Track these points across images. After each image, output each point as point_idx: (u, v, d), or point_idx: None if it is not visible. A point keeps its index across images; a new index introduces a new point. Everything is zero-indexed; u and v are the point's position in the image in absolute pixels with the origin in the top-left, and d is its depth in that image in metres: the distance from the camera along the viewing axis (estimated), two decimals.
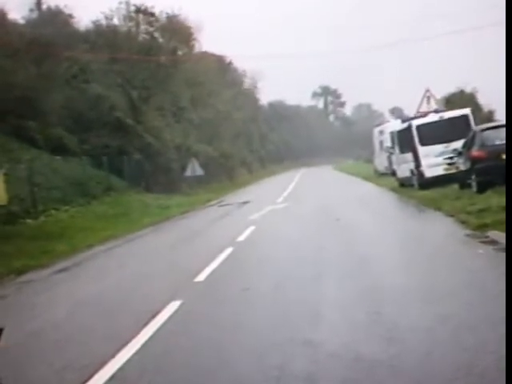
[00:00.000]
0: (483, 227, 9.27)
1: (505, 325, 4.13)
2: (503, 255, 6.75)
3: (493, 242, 8.12)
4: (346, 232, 11.77)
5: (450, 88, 36.89)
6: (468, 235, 9.20)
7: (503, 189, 9.42)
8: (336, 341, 4.95)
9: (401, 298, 6.14)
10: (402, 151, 20.85)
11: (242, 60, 79.35)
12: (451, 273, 6.99)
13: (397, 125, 24.23)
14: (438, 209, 13.08)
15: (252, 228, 13.79)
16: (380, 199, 19.56)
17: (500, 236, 8.06)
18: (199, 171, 31.52)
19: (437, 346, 4.50)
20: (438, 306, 5.61)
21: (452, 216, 11.54)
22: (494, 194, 11.99)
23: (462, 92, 35.34)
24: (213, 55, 52.85)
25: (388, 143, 27.91)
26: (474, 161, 14.24)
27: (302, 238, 11.58)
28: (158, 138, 32.91)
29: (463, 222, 10.41)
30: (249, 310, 6.46)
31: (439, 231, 10.54)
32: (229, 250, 10.54)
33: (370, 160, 41.67)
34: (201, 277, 8.42)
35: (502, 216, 8.31)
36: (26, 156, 20.23)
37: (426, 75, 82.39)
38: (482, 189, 13.44)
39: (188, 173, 31.50)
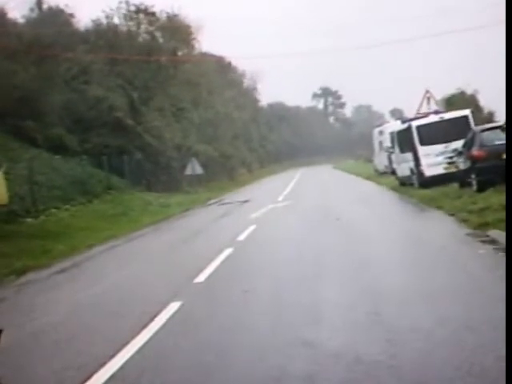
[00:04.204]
0: (484, 226, 9.25)
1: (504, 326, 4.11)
2: (503, 255, 6.75)
3: (493, 242, 8.10)
4: (346, 232, 11.73)
5: (450, 89, 36.82)
6: (468, 234, 9.18)
7: (503, 187, 9.40)
8: (336, 342, 4.94)
9: (400, 298, 6.12)
10: (402, 151, 20.86)
11: (241, 61, 79.18)
12: (451, 273, 6.97)
13: (396, 125, 24.24)
14: (439, 208, 13.07)
15: (252, 227, 13.77)
16: (380, 198, 19.55)
17: (500, 235, 8.03)
18: (199, 170, 31.60)
19: (436, 347, 4.49)
20: (438, 306, 5.60)
21: (452, 215, 11.53)
22: (494, 193, 11.98)
23: (462, 93, 35.21)
24: (212, 56, 52.80)
25: (388, 143, 27.94)
26: (474, 160, 14.27)
27: (302, 238, 11.55)
28: (158, 137, 32.91)
29: (464, 221, 10.39)
30: (248, 311, 6.45)
31: (440, 230, 10.51)
32: (229, 251, 10.50)
33: (370, 160, 41.64)
34: (200, 278, 8.40)
35: (503, 215, 8.29)
36: (26, 155, 20.20)
37: (426, 76, 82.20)
38: (482, 188, 13.45)
39: (188, 172, 31.57)
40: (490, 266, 7.01)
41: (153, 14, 37.21)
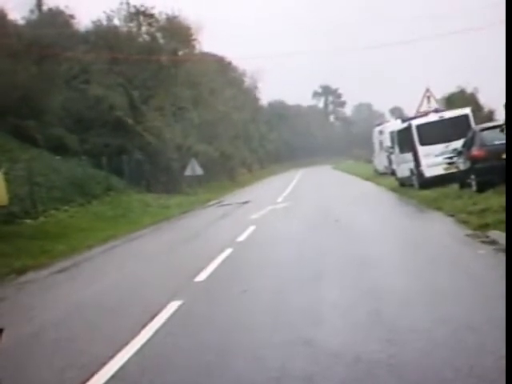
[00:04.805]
0: (484, 227, 9.22)
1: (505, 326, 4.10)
2: (504, 255, 6.73)
3: (493, 242, 8.08)
4: (345, 233, 11.70)
5: (450, 88, 36.84)
6: (468, 235, 9.16)
7: (503, 188, 9.38)
8: (336, 342, 4.94)
9: (400, 299, 6.10)
10: (402, 151, 20.84)
11: (242, 61, 78.90)
12: (451, 274, 6.95)
13: (397, 125, 24.23)
14: (439, 209, 13.06)
15: (252, 228, 13.76)
16: (380, 199, 19.52)
17: (500, 236, 8.02)
18: (199, 171, 31.55)
19: (436, 347, 4.49)
20: (437, 306, 5.60)
21: (452, 216, 11.51)
22: (494, 194, 11.97)
23: (462, 92, 35.16)
24: (212, 56, 52.79)
25: (388, 143, 27.92)
26: (474, 160, 14.22)
27: (302, 239, 11.52)
28: (159, 137, 32.88)
29: (464, 222, 10.36)
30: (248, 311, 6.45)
31: (440, 231, 10.48)
32: (229, 251, 10.48)
33: (370, 160, 41.59)
34: (200, 278, 8.39)
35: (503, 216, 8.28)
36: (26, 155, 20.19)
37: (427, 75, 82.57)
38: (481, 188, 13.43)
39: (188, 172, 31.53)
40: (490, 266, 7.00)
41: (152, 15, 37.23)
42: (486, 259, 7.45)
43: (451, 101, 31.98)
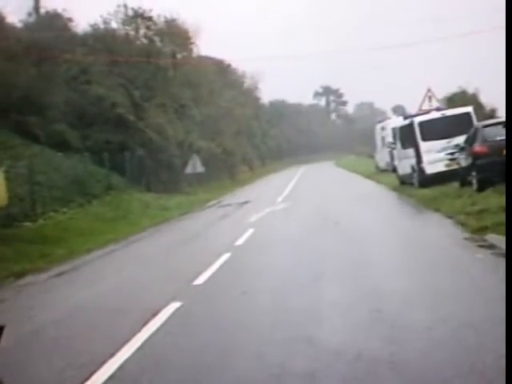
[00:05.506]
0: (482, 230, 9.16)
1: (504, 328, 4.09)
2: (502, 260, 6.68)
3: (491, 247, 8.03)
4: (344, 236, 11.61)
5: (452, 88, 36.66)
6: (466, 239, 9.10)
7: (503, 187, 9.34)
8: (335, 341, 4.98)
9: (398, 307, 6.05)
10: (404, 147, 20.85)
11: (243, 62, 78.33)
12: (449, 280, 6.90)
13: (399, 121, 24.31)
14: (437, 209, 13.00)
15: (251, 231, 13.68)
16: (380, 199, 19.35)
17: (499, 240, 7.95)
18: (200, 168, 31.41)
19: (433, 355, 4.47)
20: (433, 312, 5.57)
21: (451, 217, 11.45)
22: (494, 194, 11.95)
23: (464, 92, 35.07)
24: (211, 59, 52.54)
25: (390, 139, 27.93)
26: (476, 156, 14.17)
27: (301, 241, 11.49)
28: (160, 133, 32.76)
29: (462, 224, 10.31)
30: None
31: (437, 234, 10.38)
32: (227, 255, 10.44)
33: (371, 156, 41.57)
34: (198, 281, 8.39)
35: (502, 217, 8.22)
36: (28, 152, 20.11)
37: (429, 76, 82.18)
38: (482, 187, 13.40)
39: (189, 170, 31.41)
40: (489, 271, 6.95)
41: (150, 18, 37.07)
42: (483, 264, 7.40)
43: (453, 101, 31.89)
